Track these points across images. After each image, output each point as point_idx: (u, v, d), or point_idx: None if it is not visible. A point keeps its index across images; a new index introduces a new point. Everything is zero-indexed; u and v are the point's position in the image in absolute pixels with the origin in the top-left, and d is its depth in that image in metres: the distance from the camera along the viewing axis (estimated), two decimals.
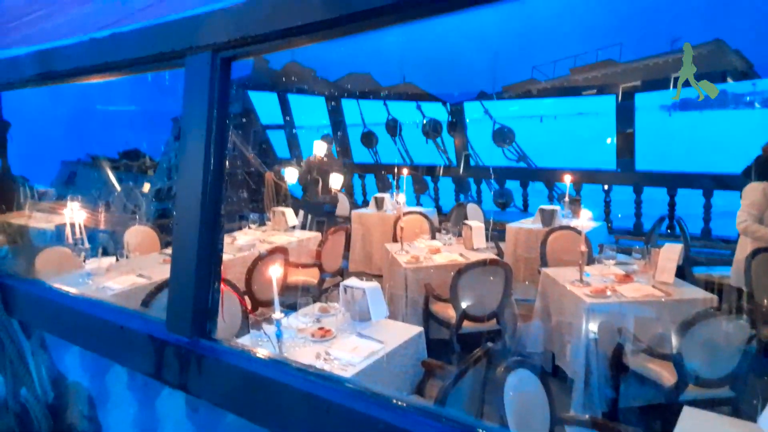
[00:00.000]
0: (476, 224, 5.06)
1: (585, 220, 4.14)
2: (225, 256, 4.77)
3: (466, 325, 4.09)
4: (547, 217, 5.74)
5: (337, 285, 3.76)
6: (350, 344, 2.79)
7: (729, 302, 4.27)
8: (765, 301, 3.89)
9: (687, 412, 2.24)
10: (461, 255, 4.74)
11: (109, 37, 1.98)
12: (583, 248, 3.81)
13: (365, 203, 8.19)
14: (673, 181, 6.81)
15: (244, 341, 2.71)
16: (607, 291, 3.60)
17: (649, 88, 7.62)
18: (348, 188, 9.39)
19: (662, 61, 7.59)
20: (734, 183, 6.38)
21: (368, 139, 10.07)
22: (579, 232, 4.87)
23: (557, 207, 5.92)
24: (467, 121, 9.25)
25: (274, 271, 2.42)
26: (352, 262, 6.61)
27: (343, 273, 5.53)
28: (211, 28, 1.62)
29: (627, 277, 3.84)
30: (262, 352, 1.60)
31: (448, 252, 4.85)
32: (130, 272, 4.08)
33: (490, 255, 4.68)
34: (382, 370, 2.72)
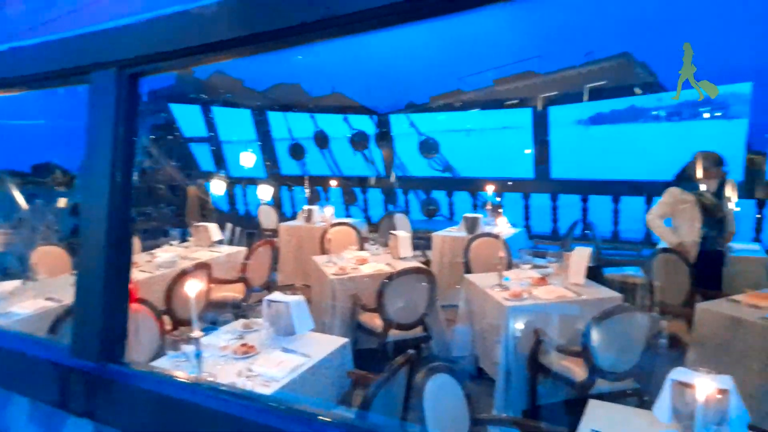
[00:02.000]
0: (402, 234, 5.17)
1: (504, 226, 4.33)
2: (143, 275, 4.59)
3: (394, 333, 4.15)
4: (471, 225, 5.95)
5: (261, 300, 3.73)
6: (274, 359, 2.77)
7: (635, 300, 4.61)
8: (666, 297, 4.23)
9: (592, 404, 2.40)
10: (388, 264, 4.82)
11: (8, 51, 1.88)
12: (502, 254, 4.00)
13: (294, 216, 8.14)
14: (586, 188, 7.27)
15: (162, 363, 2.62)
16: (523, 294, 3.79)
17: (567, 99, 8.11)
18: (276, 200, 9.29)
19: (576, 72, 8.09)
20: (640, 189, 6.92)
21: (296, 151, 10.03)
22: (499, 238, 5.10)
23: (480, 215, 6.16)
24: (395, 133, 9.43)
25: (192, 288, 2.37)
26: (282, 275, 6.54)
27: (271, 287, 5.46)
28: (118, 44, 1.59)
29: (542, 280, 4.06)
30: (177, 374, 1.57)
31: (375, 262, 4.92)
32: (38, 296, 3.84)
33: (417, 264, 4.79)
34: (308, 384, 2.72)
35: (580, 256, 4.04)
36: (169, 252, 5.35)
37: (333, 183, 9.01)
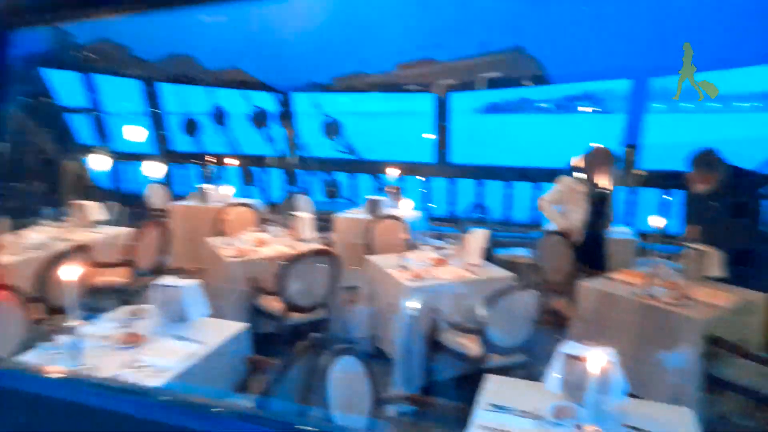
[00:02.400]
0: (304, 215, 5.06)
1: (407, 209, 4.38)
2: (10, 258, 4.09)
3: (295, 316, 4.07)
4: (373, 207, 5.98)
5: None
6: (165, 348, 2.58)
7: (525, 278, 4.89)
8: (552, 276, 4.53)
9: (488, 379, 2.50)
10: (290, 246, 4.70)
11: None
12: (403, 235, 4.04)
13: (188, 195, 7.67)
14: (481, 174, 7.59)
15: (32, 358, 2.34)
16: (424, 274, 3.87)
17: (464, 87, 8.34)
18: (167, 178, 8.71)
19: (473, 62, 8.34)
20: (530, 176, 7.34)
21: (191, 126, 9.44)
22: (401, 220, 5.17)
23: (383, 197, 6.20)
24: (298, 112, 9.18)
25: (68, 272, 2.12)
26: (173, 258, 6.15)
27: (161, 270, 5.11)
28: None
29: (442, 261, 4.17)
30: (50, 369, 1.38)
31: (276, 244, 4.77)
32: None
33: (320, 245, 4.72)
34: (203, 372, 2.57)
35: (477, 238, 4.20)
36: (41, 233, 4.80)
37: (231, 161, 8.60)
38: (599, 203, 4.55)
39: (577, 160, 4.66)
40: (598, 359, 2.13)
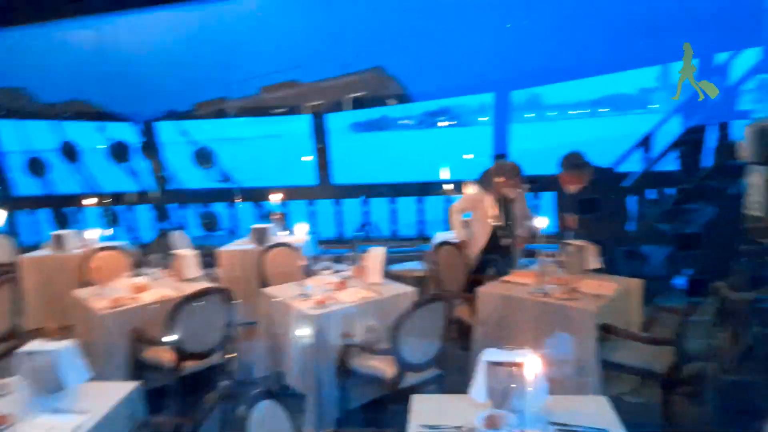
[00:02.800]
0: (186, 252, 4.66)
1: (300, 233, 4.21)
2: None
3: (189, 364, 3.68)
4: (260, 236, 5.70)
5: (9, 353, 2.90)
6: (41, 426, 2.16)
7: (425, 292, 4.93)
8: (450, 286, 4.63)
9: (416, 399, 2.43)
10: (174, 289, 4.27)
11: None
12: (300, 262, 3.87)
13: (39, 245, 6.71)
14: (365, 192, 7.64)
15: None
16: (328, 300, 3.72)
17: (332, 108, 8.38)
18: (11, 227, 7.59)
19: (337, 83, 8.41)
20: (409, 191, 7.53)
21: (36, 166, 8.33)
22: (293, 247, 4.98)
23: (268, 225, 5.94)
24: (163, 142, 8.54)
25: None
26: (31, 318, 5.31)
27: (17, 335, 4.36)
28: None
29: (343, 284, 4.05)
30: None
31: (158, 288, 4.31)
32: None
33: (206, 283, 4.36)
34: None
35: (376, 257, 4.16)
36: None
37: (89, 201, 7.72)
38: (505, 212, 4.76)
39: (485, 173, 4.88)
40: (520, 363, 2.16)
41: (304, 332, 3.56)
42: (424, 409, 2.36)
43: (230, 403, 2.22)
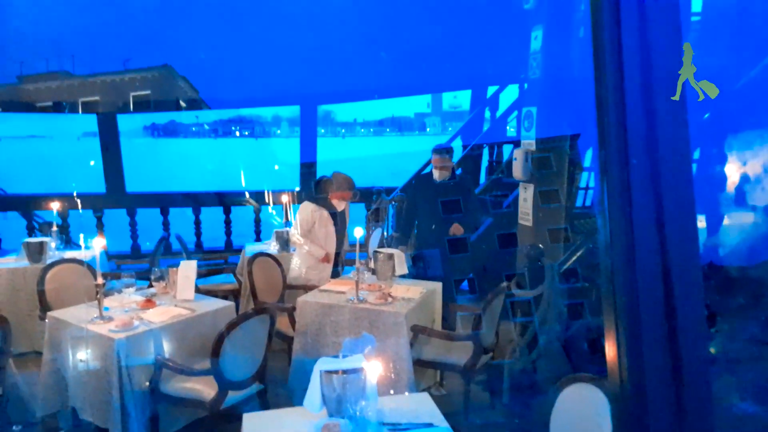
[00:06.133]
0: None
1: (95, 248, 3.71)
2: None
3: None
4: (36, 252, 4.86)
5: None
6: None
7: (239, 306, 4.77)
8: (266, 297, 4.54)
9: (246, 417, 2.35)
10: None
11: None
12: (101, 280, 3.42)
13: None
14: (164, 201, 7.03)
15: None
16: (133, 321, 3.36)
17: (120, 108, 7.59)
18: None
19: (119, 79, 7.68)
20: (209, 201, 7.19)
21: None
22: (83, 263, 4.39)
23: (47, 239, 5.10)
24: None
25: None
26: None
27: None
28: None
29: (150, 302, 3.70)
30: None
31: None
32: None
33: None
34: None
35: (187, 271, 3.89)
36: None
37: None
38: (340, 225, 4.82)
39: (317, 183, 4.86)
40: (353, 369, 2.25)
41: (108, 360, 3.16)
42: (256, 427, 2.30)
43: None
